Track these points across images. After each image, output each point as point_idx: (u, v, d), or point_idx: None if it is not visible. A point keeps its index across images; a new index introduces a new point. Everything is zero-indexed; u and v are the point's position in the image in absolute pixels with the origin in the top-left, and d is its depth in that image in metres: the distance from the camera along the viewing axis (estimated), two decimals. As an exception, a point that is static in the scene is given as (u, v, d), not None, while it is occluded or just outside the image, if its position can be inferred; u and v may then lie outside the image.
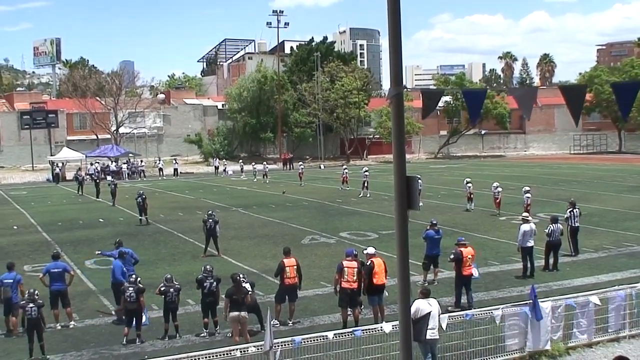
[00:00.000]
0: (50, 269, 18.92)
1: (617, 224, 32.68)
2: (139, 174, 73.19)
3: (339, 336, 13.83)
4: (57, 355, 16.23)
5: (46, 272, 18.93)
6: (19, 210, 44.95)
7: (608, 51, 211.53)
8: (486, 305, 17.25)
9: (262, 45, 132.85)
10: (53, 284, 18.58)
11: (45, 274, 18.92)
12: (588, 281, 21.84)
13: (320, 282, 21.81)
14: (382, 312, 17.66)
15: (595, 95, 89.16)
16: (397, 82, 6.45)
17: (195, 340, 17.10)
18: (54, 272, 18.78)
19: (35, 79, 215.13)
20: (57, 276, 18.71)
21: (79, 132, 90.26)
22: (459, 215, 36.27)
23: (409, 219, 6.40)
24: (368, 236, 30.37)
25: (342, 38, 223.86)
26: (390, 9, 6.33)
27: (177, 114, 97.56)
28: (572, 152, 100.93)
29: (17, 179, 73.03)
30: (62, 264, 19.40)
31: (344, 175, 52.01)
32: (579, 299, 16.41)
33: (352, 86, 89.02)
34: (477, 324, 15.12)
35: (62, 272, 18.90)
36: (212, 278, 17.52)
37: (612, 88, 6.96)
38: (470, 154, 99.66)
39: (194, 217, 37.25)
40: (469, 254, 19.51)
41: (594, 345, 16.27)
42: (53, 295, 18.48)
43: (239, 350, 13.14)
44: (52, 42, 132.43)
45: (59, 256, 19.91)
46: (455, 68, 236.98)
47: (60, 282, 18.68)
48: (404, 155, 6.58)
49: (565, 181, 54.18)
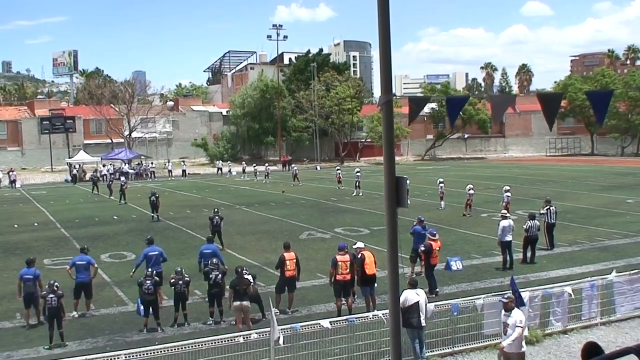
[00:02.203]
0: (76, 261, 18.93)
1: (590, 220, 32.73)
2: (149, 175, 73.20)
3: (334, 323, 13.84)
4: (75, 342, 16.21)
5: (73, 265, 18.93)
6: (39, 208, 44.88)
7: (581, 61, 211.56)
8: (469, 295, 17.26)
9: (263, 56, 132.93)
10: (78, 276, 18.56)
11: (72, 266, 18.91)
12: (563, 273, 21.87)
13: (317, 274, 21.83)
14: (374, 302, 17.70)
15: (569, 102, 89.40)
16: (387, 91, 6.47)
17: (203, 327, 17.10)
18: (79, 264, 18.76)
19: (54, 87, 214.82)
20: (82, 268, 18.68)
21: (94, 136, 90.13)
22: (444, 212, 36.28)
23: (398, 215, 6.41)
24: (360, 232, 30.37)
25: (336, 50, 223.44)
26: (381, 23, 6.35)
27: (185, 119, 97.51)
28: (548, 154, 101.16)
29: (38, 179, 72.90)
30: (87, 257, 19.27)
31: (338, 176, 52.31)
32: (554, 289, 16.45)
33: (345, 94, 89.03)
34: (461, 312, 15.14)
35: (86, 264, 18.85)
36: (217, 270, 17.56)
37: (587, 96, 6.98)
38: (455, 156, 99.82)
39: (201, 214, 37.23)
40: (437, 246, 20.36)
41: (568, 332, 16.29)
42: (77, 286, 18.46)
43: (242, 337, 13.15)
44: (70, 53, 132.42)
45: (85, 250, 19.83)
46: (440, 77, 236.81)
47: (85, 274, 18.64)
48: (393, 158, 6.60)
49: (541, 181, 54.25)
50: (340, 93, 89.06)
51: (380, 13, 6.34)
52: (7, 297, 19.94)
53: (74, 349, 15.62)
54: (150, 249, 20.35)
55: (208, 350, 12.55)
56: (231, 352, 12.76)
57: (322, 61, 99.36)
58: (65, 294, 17.10)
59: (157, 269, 19.16)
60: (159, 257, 20.10)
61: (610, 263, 22.90)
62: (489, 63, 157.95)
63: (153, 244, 20.81)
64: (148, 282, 17.08)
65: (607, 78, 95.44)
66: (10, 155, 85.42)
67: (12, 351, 15.75)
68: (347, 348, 13.74)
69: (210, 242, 21.66)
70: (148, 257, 19.92)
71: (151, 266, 19.14)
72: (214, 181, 65.13)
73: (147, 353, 12.18)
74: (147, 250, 20.25)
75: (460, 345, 15.07)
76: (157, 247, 20.69)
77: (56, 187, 64.48)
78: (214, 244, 21.75)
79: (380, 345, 13.70)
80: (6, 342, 16.38)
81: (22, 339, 16.66)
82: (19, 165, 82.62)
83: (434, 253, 20.05)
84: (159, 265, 19.85)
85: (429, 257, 20.03)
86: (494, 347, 15.19)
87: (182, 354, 12.31)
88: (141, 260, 20.12)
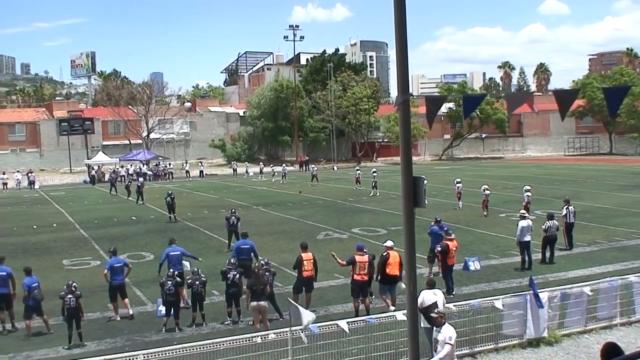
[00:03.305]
0: (113, 264, 18.75)
1: (608, 220, 32.50)
2: (167, 176, 73.47)
3: (352, 324, 13.82)
4: (94, 342, 16.28)
5: (109, 268, 18.73)
6: (58, 209, 45.14)
7: (599, 60, 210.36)
8: (488, 295, 17.18)
9: (280, 57, 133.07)
10: (115, 279, 18.44)
11: (108, 269, 18.72)
12: (582, 273, 21.72)
13: (334, 275, 21.79)
14: (393, 301, 17.65)
15: (587, 101, 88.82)
16: (403, 90, 6.46)
17: (220, 327, 17.12)
18: (116, 267, 18.64)
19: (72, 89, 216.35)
20: (118, 270, 18.60)
21: (113, 137, 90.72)
22: (461, 212, 36.15)
23: (415, 215, 6.40)
24: (378, 232, 30.32)
25: (353, 50, 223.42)
26: (397, 22, 6.34)
27: (203, 120, 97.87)
28: (567, 153, 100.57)
29: (57, 180, 73.32)
30: (122, 259, 19.26)
31: (357, 176, 52.30)
32: (573, 290, 16.34)
33: (362, 94, 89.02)
34: (480, 313, 15.08)
35: (122, 266, 18.81)
36: (235, 270, 17.59)
37: (603, 91, 6.96)
38: (472, 156, 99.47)
39: (218, 215, 37.29)
40: (454, 246, 20.12)
41: (587, 333, 16.17)
42: (113, 288, 18.35)
43: (260, 337, 13.16)
44: (88, 55, 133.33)
45: (116, 252, 19.75)
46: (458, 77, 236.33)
47: (121, 276, 18.61)
48: (410, 158, 6.59)
49: (560, 181, 53.94)
50: (357, 93, 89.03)
51: (397, 13, 6.32)
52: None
53: (92, 349, 15.70)
54: (172, 249, 20.46)
55: (226, 350, 12.56)
56: (249, 352, 12.77)
57: (339, 61, 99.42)
58: (84, 294, 17.20)
59: (178, 269, 19.25)
60: (181, 257, 20.25)
61: (629, 263, 22.78)
62: (506, 62, 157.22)
63: (175, 244, 20.91)
64: (169, 282, 17.17)
65: (626, 77, 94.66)
66: (29, 157, 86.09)
67: (32, 351, 15.85)
68: (365, 348, 13.71)
69: (245, 237, 21.79)
70: (170, 257, 20.06)
71: (172, 266, 19.27)
72: (231, 182, 65.27)
73: (165, 353, 12.20)
74: (169, 250, 20.37)
75: (479, 346, 14.99)
76: (178, 247, 20.78)
77: (75, 188, 64.86)
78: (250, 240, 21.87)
79: (398, 345, 13.66)
80: (26, 342, 16.50)
81: (42, 338, 16.77)
82: (38, 166, 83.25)
83: (451, 253, 19.87)
84: (181, 265, 19.95)
85: (445, 258, 19.90)
86: (513, 348, 15.13)
87: (200, 354, 12.33)
88: (163, 260, 20.27)
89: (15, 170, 72.84)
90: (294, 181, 61.86)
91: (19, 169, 72.99)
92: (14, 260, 25.17)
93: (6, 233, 34.79)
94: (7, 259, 20.02)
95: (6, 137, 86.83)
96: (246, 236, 22.16)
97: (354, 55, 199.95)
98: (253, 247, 21.26)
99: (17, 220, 39.87)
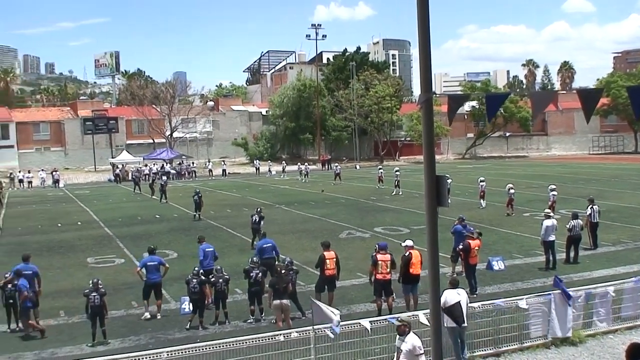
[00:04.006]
0: (147, 262, 18.73)
1: (634, 219, 32.20)
2: (190, 174, 73.79)
3: (374, 323, 13.80)
4: (117, 339, 16.40)
5: (142, 266, 18.73)
6: (82, 207, 45.52)
7: (624, 58, 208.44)
8: (512, 295, 17.09)
9: (302, 56, 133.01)
10: (150, 277, 18.39)
11: (142, 267, 18.71)
12: (606, 273, 21.55)
13: (357, 273, 21.80)
14: (415, 301, 17.61)
15: (612, 99, 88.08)
16: (426, 89, 6.44)
17: (243, 325, 17.19)
18: (150, 265, 18.58)
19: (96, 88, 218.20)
20: (153, 269, 18.52)
21: (137, 136, 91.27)
22: (485, 211, 35.98)
23: (438, 215, 6.38)
24: (400, 231, 30.26)
25: (375, 48, 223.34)
26: (420, 21, 6.32)
27: (225, 119, 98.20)
28: (591, 152, 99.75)
29: (81, 179, 73.95)
30: (157, 258, 19.16)
31: (379, 175, 52.23)
32: (597, 290, 16.21)
33: (385, 93, 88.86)
34: (504, 313, 15.00)
35: (157, 265, 18.71)
36: (258, 269, 17.64)
37: (628, 91, 6.90)
38: (496, 154, 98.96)
39: (241, 213, 37.42)
40: (476, 245, 20.00)
41: (611, 333, 16.03)
42: (148, 286, 18.31)
43: (283, 335, 13.18)
44: (112, 55, 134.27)
45: (154, 250, 19.58)
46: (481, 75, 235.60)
47: (157, 274, 18.54)
48: (433, 156, 6.57)
49: (584, 180, 53.53)
50: (379, 92, 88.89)
51: (420, 11, 6.31)
52: (51, 295, 20.22)
53: (116, 347, 15.81)
54: (205, 246, 20.65)
55: (249, 348, 12.59)
56: (272, 350, 12.78)
57: (361, 60, 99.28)
58: (108, 292, 17.33)
59: (211, 265, 19.44)
60: (214, 254, 20.45)
61: (655, 263, 22.56)
62: (530, 60, 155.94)
63: (204, 242, 21.03)
64: (194, 280, 17.27)
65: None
66: (54, 156, 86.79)
67: (56, 348, 15.99)
68: (387, 348, 13.68)
69: (264, 236, 21.99)
70: (206, 252, 20.28)
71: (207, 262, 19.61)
72: (253, 180, 65.45)
73: (188, 351, 12.26)
74: (204, 247, 20.58)
75: (503, 346, 14.91)
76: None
77: (99, 186, 65.40)
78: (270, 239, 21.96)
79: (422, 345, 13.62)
80: (50, 339, 16.64)
81: (66, 336, 16.90)
82: (62, 165, 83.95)
83: (473, 252, 19.78)
84: (213, 261, 20.14)
85: (467, 257, 19.84)
86: (537, 348, 15.04)
87: (223, 351, 12.37)
88: (203, 257, 20.35)
89: (39, 169, 73.55)
90: (316, 180, 61.90)
91: (43, 168, 73.65)
92: (39, 258, 25.47)
93: (31, 231, 35.14)
94: (33, 257, 20.22)
95: (31, 136, 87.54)
96: (265, 236, 22.40)
97: (376, 53, 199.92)
98: (274, 245, 21.31)
99: (41, 218, 40.25)
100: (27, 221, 39.08)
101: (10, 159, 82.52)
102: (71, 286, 21.89)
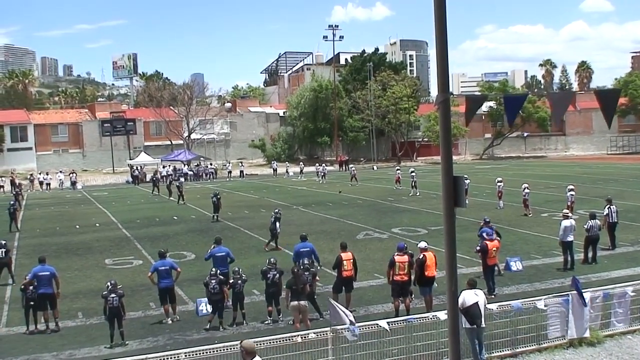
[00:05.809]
0: (158, 267, 18.33)
1: (653, 219, 31.97)
2: (208, 176, 73.98)
3: (392, 324, 13.79)
4: (136, 341, 16.46)
5: (154, 270, 18.41)
6: (100, 209, 45.76)
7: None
8: (530, 295, 17.03)
9: (320, 57, 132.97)
10: (161, 281, 18.13)
11: (153, 272, 18.39)
12: (625, 273, 21.41)
13: (374, 274, 21.78)
14: (430, 302, 17.59)
15: (630, 99, 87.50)
16: (444, 89, 6.44)
17: (261, 327, 17.20)
18: (162, 269, 18.25)
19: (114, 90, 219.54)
20: (164, 273, 18.20)
21: (154, 138, 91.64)
22: (503, 211, 35.83)
23: (456, 215, 6.37)
24: (418, 232, 30.19)
25: (392, 49, 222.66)
26: (437, 21, 6.32)
27: (243, 121, 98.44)
28: (609, 152, 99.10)
29: (99, 181, 74.35)
30: (169, 262, 18.83)
31: (397, 176, 52.14)
32: (615, 290, 16.11)
33: (402, 93, 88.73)
34: (521, 313, 14.94)
35: (169, 269, 18.36)
36: (275, 270, 17.65)
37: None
38: (514, 155, 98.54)
39: (259, 214, 37.48)
40: (494, 246, 19.93)
41: (630, 334, 15.91)
42: (162, 291, 18.10)
43: (301, 337, 13.19)
44: (130, 57, 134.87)
45: (165, 254, 19.18)
46: (498, 75, 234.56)
47: (169, 279, 18.24)
48: (451, 157, 6.57)
49: (603, 180, 53.19)
50: (396, 92, 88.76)
51: (437, 11, 6.31)
52: (69, 296, 20.35)
53: (134, 348, 15.87)
54: (217, 249, 20.31)
55: (267, 349, 12.60)
56: (289, 351, 12.80)
57: (379, 61, 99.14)
58: (126, 293, 17.40)
59: (222, 270, 18.95)
60: (226, 258, 20.02)
61: (675, 263, 22.38)
62: (548, 60, 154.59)
63: (220, 244, 20.82)
64: (213, 281, 17.30)
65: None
66: (72, 157, 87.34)
67: (74, 350, 16.07)
68: (406, 349, 13.67)
69: (304, 239, 21.10)
70: (215, 257, 19.93)
71: (217, 267, 19.09)
72: (271, 182, 65.52)
73: (207, 352, 12.29)
74: (215, 251, 20.22)
75: (521, 347, 14.85)
76: (224, 248, 20.66)
77: (117, 188, 65.69)
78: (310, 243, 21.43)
79: (439, 346, 13.60)
80: (69, 341, 16.74)
81: (84, 337, 16.99)
82: (80, 167, 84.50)
83: (491, 253, 19.70)
84: (225, 266, 19.64)
85: (485, 258, 19.77)
86: (555, 349, 14.97)
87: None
88: (208, 257, 20.27)
89: (57, 170, 74.06)
90: (334, 181, 61.88)
91: (61, 170, 74.14)
92: (57, 259, 25.67)
93: (49, 233, 35.39)
94: (51, 259, 20.37)
95: (49, 138, 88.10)
96: (305, 239, 21.36)
97: (393, 54, 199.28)
98: (313, 249, 20.74)
99: (59, 220, 40.51)
100: (45, 223, 39.36)
101: (28, 161, 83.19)
102: (89, 288, 22.03)
